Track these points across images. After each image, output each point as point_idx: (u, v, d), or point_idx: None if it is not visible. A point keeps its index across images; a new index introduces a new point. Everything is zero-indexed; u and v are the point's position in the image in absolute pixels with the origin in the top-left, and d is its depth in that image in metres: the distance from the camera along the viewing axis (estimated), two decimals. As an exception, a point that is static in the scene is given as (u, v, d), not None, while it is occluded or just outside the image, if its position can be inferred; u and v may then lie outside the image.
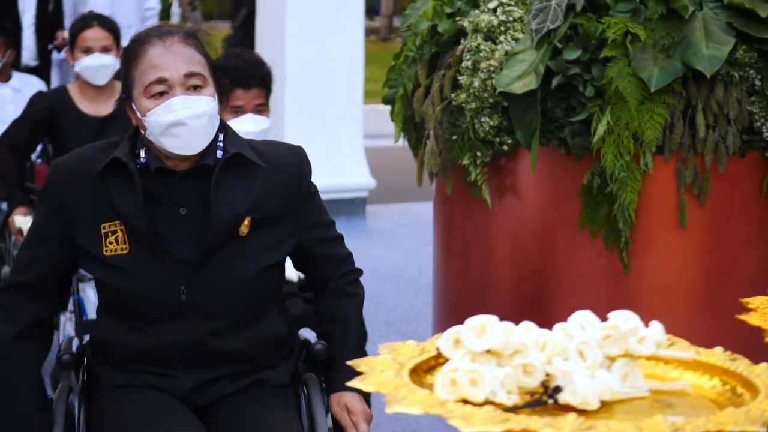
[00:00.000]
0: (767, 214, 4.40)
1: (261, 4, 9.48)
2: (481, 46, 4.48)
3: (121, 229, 2.92)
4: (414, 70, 4.81)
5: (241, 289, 2.97)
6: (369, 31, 17.85)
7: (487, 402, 1.48)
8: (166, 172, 2.95)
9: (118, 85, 5.41)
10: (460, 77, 4.52)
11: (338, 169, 8.92)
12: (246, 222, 2.94)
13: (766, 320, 1.82)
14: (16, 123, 5.83)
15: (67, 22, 8.49)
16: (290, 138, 9.11)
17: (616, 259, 4.35)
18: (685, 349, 1.66)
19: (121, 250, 2.92)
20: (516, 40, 4.46)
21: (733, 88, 4.25)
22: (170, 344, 2.95)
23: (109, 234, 2.93)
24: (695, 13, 4.29)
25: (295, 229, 3.06)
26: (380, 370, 1.55)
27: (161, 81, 2.90)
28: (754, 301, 1.92)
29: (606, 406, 1.53)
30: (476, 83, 4.41)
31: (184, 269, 2.92)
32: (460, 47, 4.59)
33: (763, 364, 1.56)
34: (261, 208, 2.98)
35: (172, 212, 2.94)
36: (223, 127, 3.02)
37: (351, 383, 1.55)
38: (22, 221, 5.56)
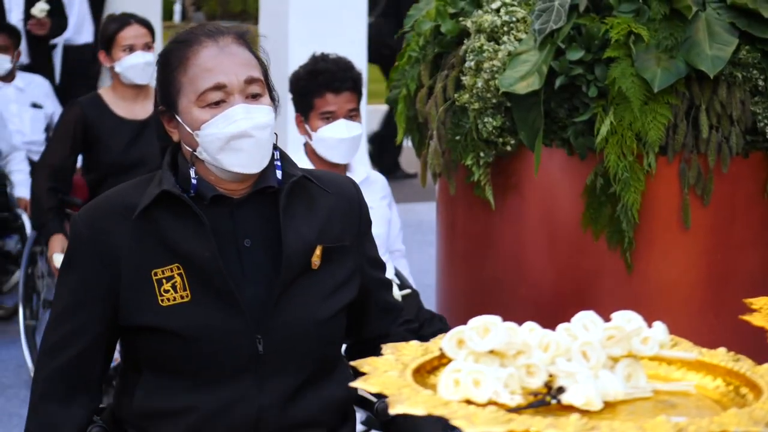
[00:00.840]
0: (770, 214, 4.39)
1: (264, 4, 9.48)
2: (484, 47, 4.47)
3: (179, 274, 2.47)
4: (417, 70, 4.80)
5: (319, 334, 2.55)
6: (372, 32, 17.83)
7: (491, 402, 1.48)
8: (222, 199, 2.55)
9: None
10: (463, 77, 4.52)
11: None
12: (318, 252, 2.55)
13: (770, 321, 1.83)
14: (52, 142, 5.68)
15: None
16: (294, 139, 9.11)
17: (620, 260, 4.34)
18: (688, 350, 1.66)
19: (181, 298, 2.47)
20: (519, 40, 4.46)
21: (737, 89, 4.25)
22: (238, 408, 2.49)
23: (164, 281, 2.48)
24: (698, 14, 4.29)
25: (360, 264, 2.68)
26: (383, 371, 1.55)
27: (219, 87, 2.51)
28: (757, 302, 1.92)
29: (609, 406, 1.53)
30: (479, 83, 4.40)
31: (257, 313, 2.50)
32: (463, 48, 4.59)
33: (766, 365, 1.56)
34: (329, 236, 2.60)
35: (236, 246, 2.53)
36: (275, 145, 2.61)
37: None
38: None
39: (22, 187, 6.81)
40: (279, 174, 2.57)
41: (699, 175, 4.29)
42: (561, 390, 1.54)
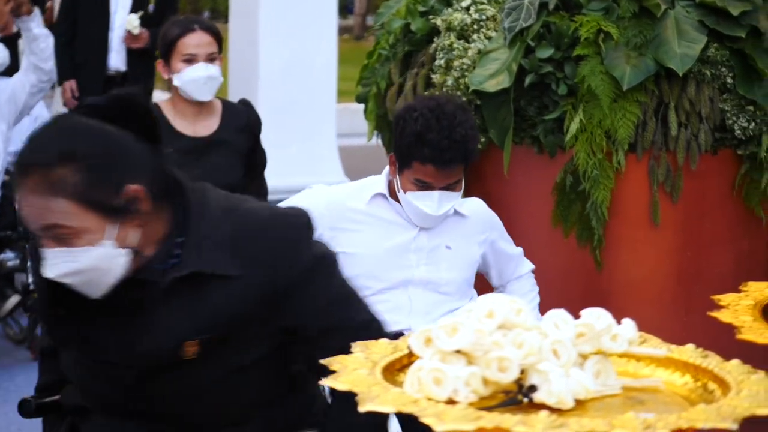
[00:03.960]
0: (739, 211, 4.41)
1: (234, 4, 9.46)
2: (454, 45, 4.48)
3: None
4: (387, 68, 4.80)
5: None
6: (342, 30, 17.84)
7: (450, 401, 1.48)
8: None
9: (218, 101, 4.95)
10: (433, 76, 4.52)
11: (312, 168, 8.90)
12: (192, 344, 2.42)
13: (737, 317, 1.83)
14: None
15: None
16: (265, 137, 9.10)
17: (590, 257, 4.35)
18: (657, 347, 1.67)
19: None
20: (489, 38, 4.46)
21: (705, 86, 4.27)
22: None
23: None
24: (667, 12, 4.30)
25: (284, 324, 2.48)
26: (353, 369, 1.55)
27: None
28: (725, 299, 1.93)
29: (579, 403, 1.53)
30: (449, 82, 4.41)
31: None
32: (433, 46, 4.59)
33: (734, 361, 1.57)
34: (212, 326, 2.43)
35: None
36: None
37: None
38: None
39: None
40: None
41: (668, 173, 4.30)
42: (533, 388, 1.54)
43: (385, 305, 3.56)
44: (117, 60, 7.62)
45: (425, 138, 3.54)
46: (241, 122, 5.02)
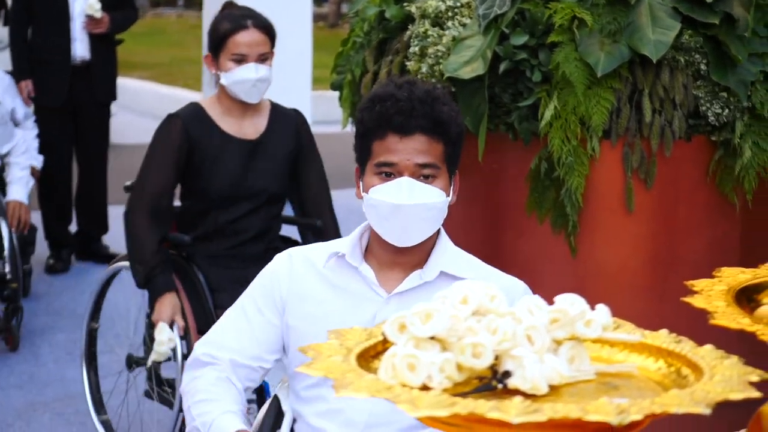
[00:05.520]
0: (713, 197, 4.43)
1: (208, -10, 9.44)
2: (429, 32, 4.48)
3: None
4: (362, 55, 4.80)
5: None
6: (317, 17, 17.83)
7: (424, 387, 1.49)
8: None
9: (266, 101, 4.73)
10: (407, 63, 4.52)
11: (287, 156, 8.89)
12: None
13: (711, 303, 1.84)
14: (148, 166, 4.54)
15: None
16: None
17: (564, 244, 4.37)
18: (630, 332, 1.67)
19: None
20: (463, 25, 4.46)
21: (679, 73, 4.28)
22: None
23: None
24: (641, -2, 4.31)
25: None
26: (327, 356, 1.55)
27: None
28: (698, 284, 1.94)
29: (552, 389, 1.53)
30: (424, 69, 4.41)
31: None
32: (408, 33, 4.59)
33: (707, 346, 1.58)
34: None
35: None
36: None
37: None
38: (165, 335, 4.32)
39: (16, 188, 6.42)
40: None
41: (642, 159, 4.31)
42: (507, 374, 1.54)
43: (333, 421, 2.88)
44: (81, 49, 7.52)
45: (384, 104, 2.81)
46: (290, 128, 4.79)
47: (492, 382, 1.54)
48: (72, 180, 7.73)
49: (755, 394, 1.41)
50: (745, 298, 1.93)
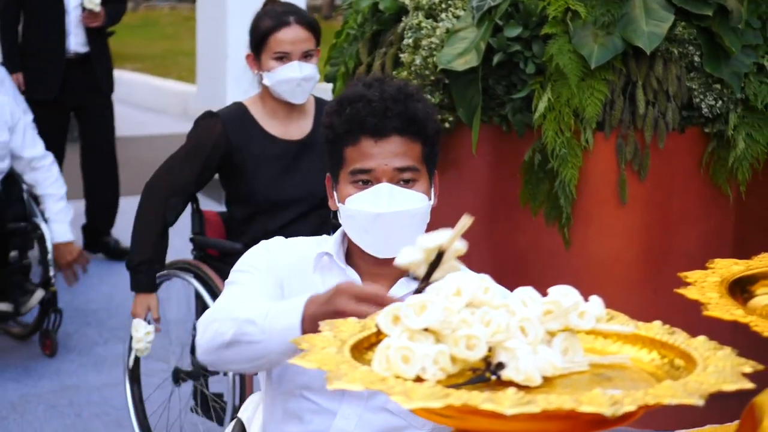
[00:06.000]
0: (707, 189, 4.44)
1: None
2: (423, 24, 4.48)
3: None
4: (355, 47, 4.80)
5: None
6: (311, 9, 17.80)
7: (418, 379, 1.49)
8: None
9: (311, 99, 4.42)
10: (401, 55, 4.52)
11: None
12: None
13: (704, 294, 1.84)
14: (179, 159, 4.33)
15: None
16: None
17: (558, 235, 4.37)
18: (624, 323, 1.67)
19: None
20: (457, 17, 4.46)
21: (673, 65, 4.28)
22: None
23: None
24: (635, -10, 4.31)
25: None
26: (321, 347, 1.55)
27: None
28: (692, 276, 1.94)
29: (546, 380, 1.53)
30: (417, 61, 4.41)
31: None
32: (402, 25, 4.58)
33: (700, 337, 1.58)
34: None
35: None
36: None
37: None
38: (141, 331, 4.29)
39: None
40: None
41: (636, 151, 4.32)
42: (501, 366, 1.54)
43: None
44: (75, 43, 7.49)
45: (354, 106, 2.60)
46: None
47: (486, 374, 1.54)
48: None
49: (748, 385, 1.42)
50: (739, 289, 1.93)
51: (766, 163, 4.40)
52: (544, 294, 1.63)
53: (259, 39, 4.28)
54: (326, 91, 5.45)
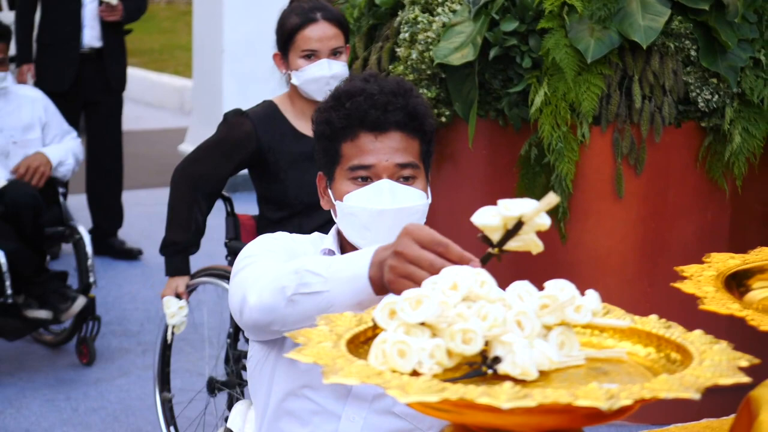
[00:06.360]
0: (703, 183, 4.44)
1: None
2: (419, 18, 4.47)
3: None
4: (352, 42, 4.79)
5: None
6: (307, 4, 17.72)
7: (415, 373, 1.49)
8: None
9: None
10: (397, 49, 4.51)
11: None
12: None
13: (700, 288, 1.84)
14: (209, 149, 4.24)
15: None
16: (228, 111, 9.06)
17: (554, 229, 4.37)
18: (620, 317, 1.67)
19: None
20: (453, 11, 4.46)
21: (669, 59, 4.28)
22: None
23: None
24: (631, -16, 4.31)
25: None
26: (317, 342, 1.55)
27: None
28: (688, 270, 1.94)
29: (542, 374, 1.53)
30: (414, 55, 4.40)
31: None
32: (398, 19, 4.58)
33: (696, 331, 1.58)
34: None
35: None
36: None
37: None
38: (174, 307, 4.25)
39: None
40: None
41: (632, 145, 4.32)
42: (497, 360, 1.54)
43: None
44: (91, 37, 7.46)
45: (354, 100, 2.54)
46: None
47: (482, 368, 1.54)
48: None
49: (745, 379, 1.42)
50: (735, 283, 1.93)
51: (762, 157, 4.40)
52: (541, 288, 1.63)
53: (286, 37, 4.14)
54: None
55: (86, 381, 5.48)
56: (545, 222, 1.76)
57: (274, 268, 2.34)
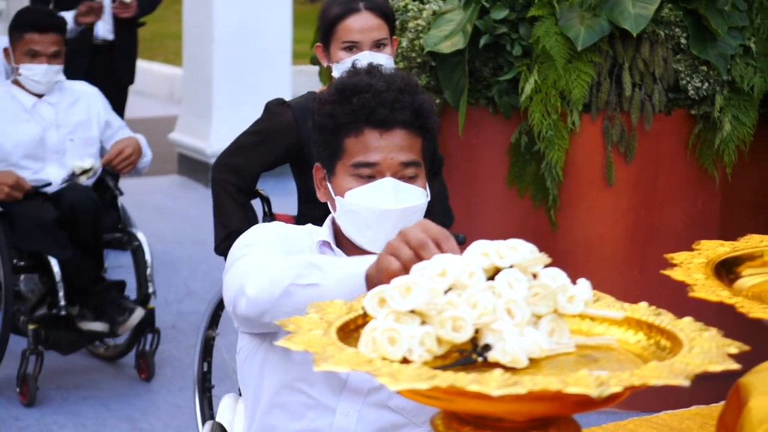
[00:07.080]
0: (693, 171, 4.44)
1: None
2: (409, 6, 4.47)
3: None
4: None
5: None
6: (297, -8, 17.71)
7: (405, 360, 1.49)
8: None
9: None
10: (387, 37, 4.51)
11: (267, 131, 8.87)
12: None
13: (690, 275, 1.84)
14: (247, 138, 4.09)
15: None
16: (218, 99, 9.05)
17: (544, 217, 4.37)
18: (610, 305, 1.67)
19: None
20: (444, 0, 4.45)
21: (659, 47, 4.28)
22: None
23: None
24: (621, -28, 4.31)
25: None
26: (308, 329, 1.55)
27: None
28: (678, 257, 1.94)
29: (533, 361, 1.53)
30: (404, 43, 4.40)
31: None
32: (388, 7, 4.57)
33: (686, 318, 1.58)
34: None
35: None
36: None
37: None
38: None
39: None
40: None
41: (622, 133, 4.32)
42: (487, 348, 1.54)
43: None
44: (103, 29, 7.45)
45: (362, 96, 2.50)
46: None
47: (472, 356, 1.54)
48: None
49: (734, 366, 1.42)
50: (725, 270, 1.94)
51: (751, 145, 4.41)
52: (533, 276, 1.63)
53: (327, 28, 3.91)
54: (312, 73, 5.44)
55: (77, 370, 5.43)
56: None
57: (274, 260, 2.32)
